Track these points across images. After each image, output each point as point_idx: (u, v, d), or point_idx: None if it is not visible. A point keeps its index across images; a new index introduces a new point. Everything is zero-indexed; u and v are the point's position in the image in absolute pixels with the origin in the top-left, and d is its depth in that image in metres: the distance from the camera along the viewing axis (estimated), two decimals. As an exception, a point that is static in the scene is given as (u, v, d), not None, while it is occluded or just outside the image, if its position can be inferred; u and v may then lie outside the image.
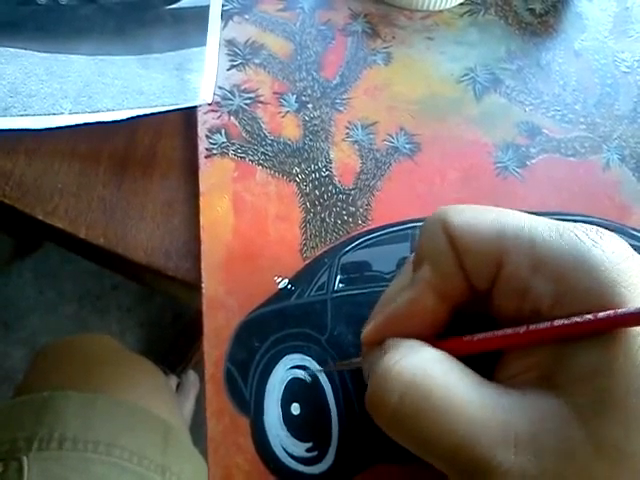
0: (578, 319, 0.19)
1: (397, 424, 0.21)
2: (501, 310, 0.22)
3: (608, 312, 0.19)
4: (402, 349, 0.22)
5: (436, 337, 0.23)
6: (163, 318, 1.15)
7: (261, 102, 0.34)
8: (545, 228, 0.21)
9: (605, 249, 0.20)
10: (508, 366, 0.22)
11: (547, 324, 0.20)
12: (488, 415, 0.19)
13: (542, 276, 0.20)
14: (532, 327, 0.20)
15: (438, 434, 0.20)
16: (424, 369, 0.21)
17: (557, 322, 0.20)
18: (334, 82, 0.35)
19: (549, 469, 0.19)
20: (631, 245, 0.31)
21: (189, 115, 0.34)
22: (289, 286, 0.30)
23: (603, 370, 0.19)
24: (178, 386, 1.03)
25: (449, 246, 0.22)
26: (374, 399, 0.21)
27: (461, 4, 0.38)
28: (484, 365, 0.22)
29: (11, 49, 0.35)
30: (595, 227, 0.21)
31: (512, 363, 0.21)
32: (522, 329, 0.21)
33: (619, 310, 0.19)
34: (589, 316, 0.19)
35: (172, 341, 1.11)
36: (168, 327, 1.14)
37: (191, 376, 1.04)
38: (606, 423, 0.19)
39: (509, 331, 0.21)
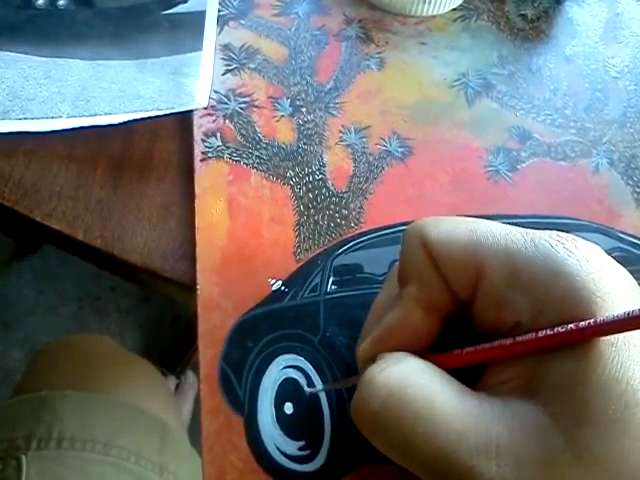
0: (561, 329, 0.20)
1: (379, 431, 0.21)
2: (482, 321, 0.22)
3: (589, 321, 0.19)
4: (387, 358, 0.22)
5: (427, 351, 0.23)
6: (162, 319, 1.15)
7: (256, 106, 0.35)
8: (521, 239, 0.21)
9: (580, 258, 0.20)
10: (491, 375, 0.22)
11: (532, 335, 0.20)
12: (470, 424, 0.20)
13: (519, 287, 0.21)
14: (518, 339, 0.21)
15: (419, 441, 0.20)
16: (407, 377, 0.21)
17: (541, 333, 0.20)
18: (328, 86, 0.36)
19: (530, 479, 0.19)
20: (618, 247, 0.32)
21: (185, 119, 0.35)
22: (282, 288, 0.31)
23: (581, 380, 0.19)
24: (177, 387, 1.03)
25: (428, 261, 0.22)
26: (357, 406, 0.22)
27: (454, 10, 0.39)
28: (469, 374, 0.22)
29: (10, 53, 0.36)
30: (570, 236, 0.21)
31: (495, 372, 0.22)
32: (508, 341, 0.21)
33: (599, 319, 0.19)
34: (571, 326, 0.20)
35: (171, 342, 1.12)
36: (167, 328, 1.14)
37: (190, 377, 1.04)
38: (585, 432, 0.19)
39: (496, 344, 0.21)
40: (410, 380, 0.21)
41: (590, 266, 0.20)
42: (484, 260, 0.21)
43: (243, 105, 0.35)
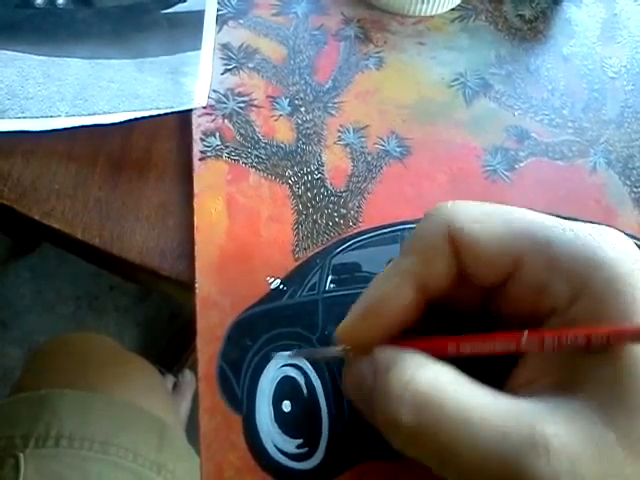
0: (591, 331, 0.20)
1: (416, 443, 0.20)
2: (515, 307, 0.22)
3: (623, 327, 0.19)
4: (408, 366, 0.21)
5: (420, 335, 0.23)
6: (160, 318, 1.15)
7: (255, 106, 0.35)
8: (560, 228, 0.21)
9: (620, 251, 0.20)
10: (517, 377, 0.22)
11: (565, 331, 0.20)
12: (509, 422, 0.19)
13: (559, 276, 0.21)
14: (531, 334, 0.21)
15: (461, 447, 0.19)
16: (436, 384, 0.20)
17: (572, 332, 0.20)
18: (326, 86, 0.36)
19: (585, 474, 0.18)
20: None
21: (184, 118, 0.35)
22: (281, 286, 0.31)
23: (625, 372, 0.19)
24: (175, 386, 1.04)
25: (447, 244, 0.22)
26: (388, 420, 0.21)
27: (452, 10, 0.39)
28: (491, 378, 0.22)
29: (9, 52, 0.36)
30: (612, 230, 0.21)
31: (520, 373, 0.22)
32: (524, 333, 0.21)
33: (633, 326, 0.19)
34: (604, 330, 0.19)
35: (169, 341, 1.12)
36: (165, 327, 1.14)
37: (187, 376, 1.05)
38: (633, 421, 0.18)
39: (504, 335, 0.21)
40: (440, 387, 0.20)
41: (631, 260, 0.20)
42: (522, 249, 0.21)
43: (242, 104, 0.35)
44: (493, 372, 0.22)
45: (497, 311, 0.23)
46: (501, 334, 0.21)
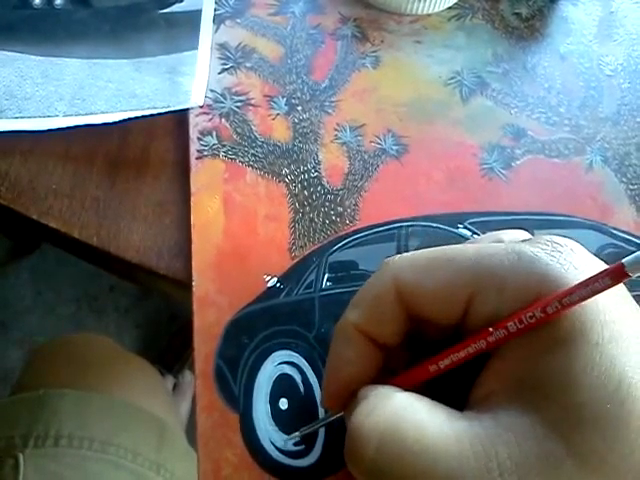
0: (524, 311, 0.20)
1: (378, 475, 0.21)
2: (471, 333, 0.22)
3: (571, 287, 0.20)
4: (371, 400, 0.22)
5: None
6: (159, 319, 1.15)
7: (252, 105, 0.35)
8: (502, 254, 0.21)
9: (565, 263, 0.21)
10: (476, 389, 0.22)
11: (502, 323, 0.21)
12: (465, 447, 0.19)
13: (510, 299, 0.21)
14: (491, 329, 0.21)
15: (421, 478, 0.20)
16: (395, 416, 0.21)
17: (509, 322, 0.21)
18: (323, 85, 0.36)
19: None
20: (612, 244, 0.32)
21: (181, 117, 0.35)
22: (278, 284, 0.31)
23: (571, 382, 0.19)
24: (175, 386, 1.04)
25: (394, 296, 0.22)
26: (351, 455, 0.21)
27: (449, 8, 0.39)
28: (458, 391, 0.22)
29: (7, 52, 0.36)
30: (563, 243, 0.21)
31: (479, 386, 0.22)
32: (478, 333, 0.21)
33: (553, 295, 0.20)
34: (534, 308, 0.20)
35: (168, 342, 1.12)
36: (164, 328, 1.14)
37: (187, 376, 1.05)
38: (586, 434, 0.19)
39: (462, 342, 0.22)
40: (399, 418, 0.21)
41: (575, 270, 0.20)
42: (469, 285, 0.22)
43: (239, 104, 0.35)
44: (458, 389, 0.22)
45: (466, 334, 0.24)
46: (471, 338, 0.22)
